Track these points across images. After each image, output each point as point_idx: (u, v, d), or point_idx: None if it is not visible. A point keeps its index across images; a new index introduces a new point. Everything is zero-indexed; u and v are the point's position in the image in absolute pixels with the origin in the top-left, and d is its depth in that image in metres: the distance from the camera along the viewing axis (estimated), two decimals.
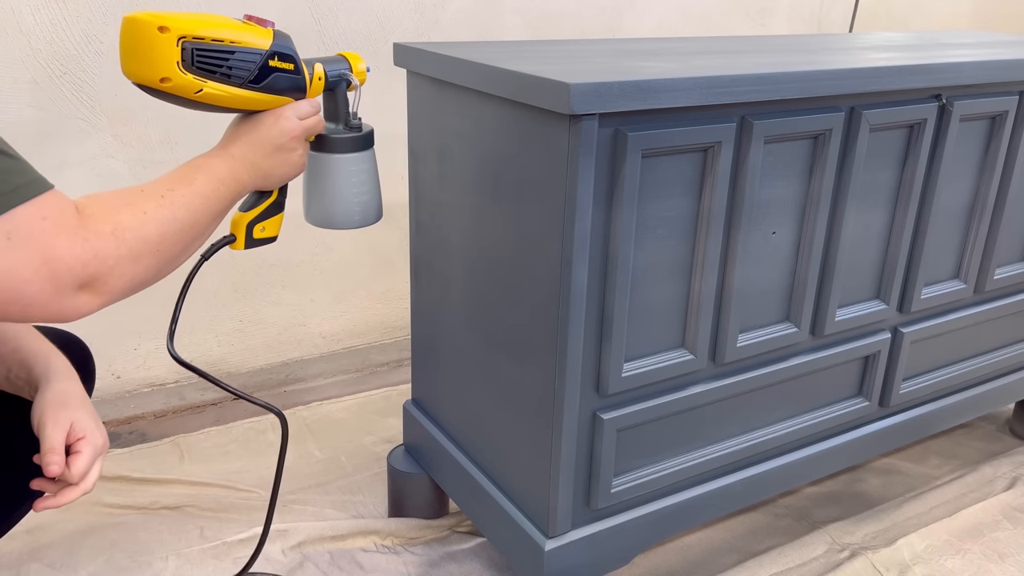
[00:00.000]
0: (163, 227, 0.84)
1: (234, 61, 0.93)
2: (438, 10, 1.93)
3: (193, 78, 0.90)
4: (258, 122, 0.99)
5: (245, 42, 0.93)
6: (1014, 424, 1.85)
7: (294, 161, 1.02)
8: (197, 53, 0.90)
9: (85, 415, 0.95)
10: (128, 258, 0.80)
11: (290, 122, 1.00)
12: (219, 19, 0.93)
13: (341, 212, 1.11)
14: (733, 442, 1.29)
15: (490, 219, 1.15)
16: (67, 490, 0.92)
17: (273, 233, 1.08)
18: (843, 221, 1.23)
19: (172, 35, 0.88)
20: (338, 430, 1.79)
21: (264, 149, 0.99)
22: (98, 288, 0.78)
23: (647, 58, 1.18)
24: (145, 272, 0.83)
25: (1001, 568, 1.45)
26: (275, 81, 0.97)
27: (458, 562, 1.41)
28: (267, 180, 1.01)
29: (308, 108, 1.02)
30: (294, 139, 1.00)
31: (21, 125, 1.57)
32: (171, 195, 0.86)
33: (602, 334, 1.09)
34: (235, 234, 1.06)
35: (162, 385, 1.87)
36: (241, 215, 1.05)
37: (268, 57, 0.95)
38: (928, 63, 1.23)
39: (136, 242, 0.81)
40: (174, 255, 0.86)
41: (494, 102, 1.09)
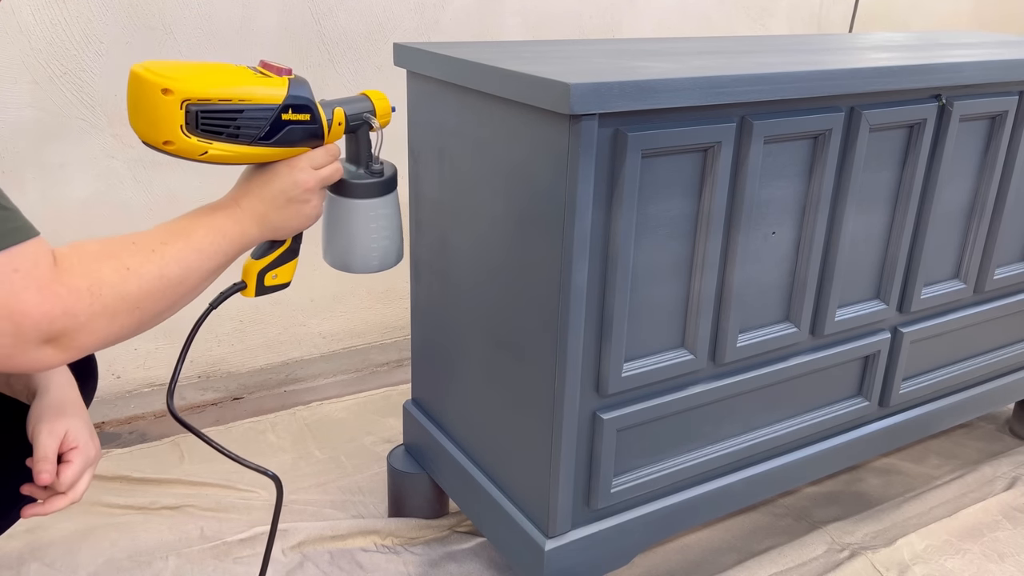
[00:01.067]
0: (147, 284, 0.80)
1: (243, 120, 0.88)
2: (438, 10, 1.93)
3: (197, 140, 0.86)
4: (270, 174, 0.94)
5: (256, 98, 0.88)
6: (1014, 424, 1.85)
7: (307, 213, 0.97)
8: (202, 115, 0.86)
9: (80, 425, 0.95)
10: (102, 315, 0.77)
11: (304, 173, 0.95)
12: (229, 72, 0.88)
13: (359, 257, 1.07)
14: (733, 442, 1.29)
15: (490, 219, 1.15)
16: (56, 498, 0.92)
17: (286, 280, 1.04)
18: (843, 221, 1.23)
19: (176, 98, 0.84)
20: (338, 430, 1.79)
21: (275, 202, 0.94)
22: (65, 343, 0.75)
23: (647, 58, 1.18)
24: (121, 329, 0.79)
25: (1001, 568, 1.45)
26: (288, 134, 0.92)
27: (458, 562, 1.41)
28: (278, 232, 0.96)
29: (324, 157, 0.97)
30: (307, 191, 0.96)
31: (21, 125, 1.57)
32: (163, 249, 0.83)
33: (602, 334, 1.09)
34: (246, 281, 1.02)
35: (162, 385, 1.87)
36: (253, 262, 1.01)
37: (281, 111, 0.90)
38: (928, 63, 1.23)
39: (113, 299, 0.77)
40: (157, 311, 0.83)
41: (494, 102, 1.09)
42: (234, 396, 1.90)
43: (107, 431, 1.75)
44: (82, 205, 1.66)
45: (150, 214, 1.74)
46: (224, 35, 1.70)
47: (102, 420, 1.77)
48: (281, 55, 1.77)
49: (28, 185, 1.61)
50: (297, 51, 1.79)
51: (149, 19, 1.63)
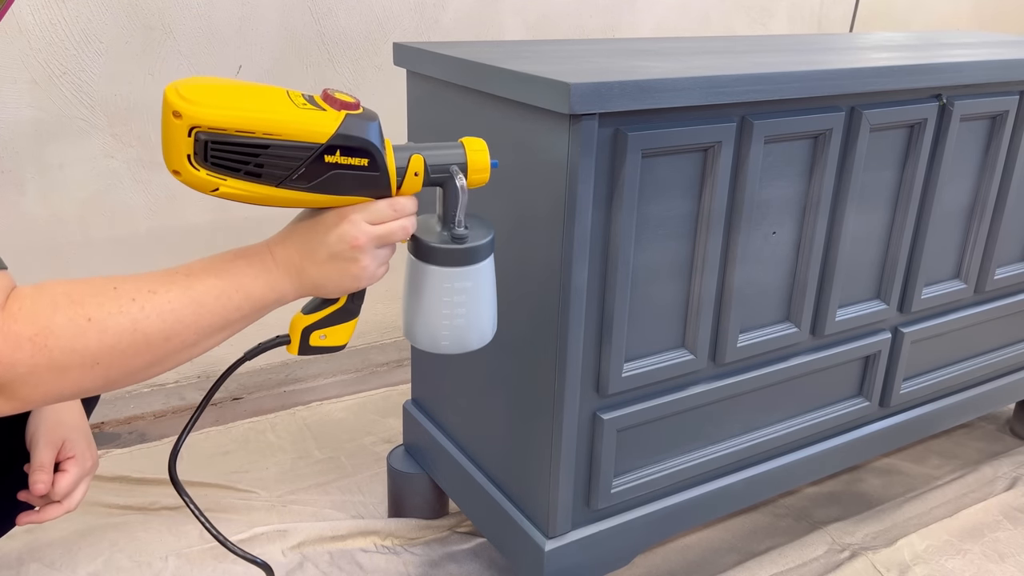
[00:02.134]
0: (111, 340, 0.70)
1: (266, 158, 0.74)
2: (438, 10, 1.93)
3: (206, 174, 0.74)
4: (315, 223, 0.80)
5: (288, 134, 0.74)
6: (1014, 424, 1.85)
7: (355, 273, 0.82)
8: (213, 146, 0.73)
9: (78, 435, 0.95)
10: (47, 368, 0.68)
11: (355, 228, 0.80)
12: (264, 99, 0.75)
13: (424, 331, 0.92)
14: (733, 442, 1.29)
15: (489, 219, 1.15)
16: (50, 507, 0.92)
17: (338, 343, 0.89)
18: (843, 221, 1.23)
19: (184, 124, 0.72)
20: (338, 430, 1.79)
21: (315, 256, 0.80)
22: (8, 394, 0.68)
23: (647, 58, 1.18)
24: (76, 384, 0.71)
25: (1001, 568, 1.45)
26: (334, 180, 0.77)
27: (458, 562, 1.41)
28: (319, 291, 0.83)
29: (387, 212, 0.82)
30: (355, 248, 0.80)
31: (21, 125, 1.57)
32: (148, 299, 0.72)
33: (602, 334, 1.09)
34: (291, 336, 0.89)
35: (162, 385, 1.87)
36: (300, 316, 0.88)
37: (323, 152, 0.76)
38: (928, 63, 1.23)
39: (61, 353, 0.68)
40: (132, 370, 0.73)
41: (494, 102, 1.09)
42: (234, 396, 1.90)
43: (107, 431, 1.75)
44: (82, 205, 1.66)
45: (150, 214, 1.73)
46: (224, 35, 1.70)
47: (102, 420, 1.77)
48: (281, 55, 1.77)
49: (28, 185, 1.61)
50: (297, 51, 1.79)
51: (149, 19, 1.63)
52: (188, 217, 1.75)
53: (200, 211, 1.76)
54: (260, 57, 1.75)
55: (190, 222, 1.75)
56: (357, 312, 0.89)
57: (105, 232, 1.70)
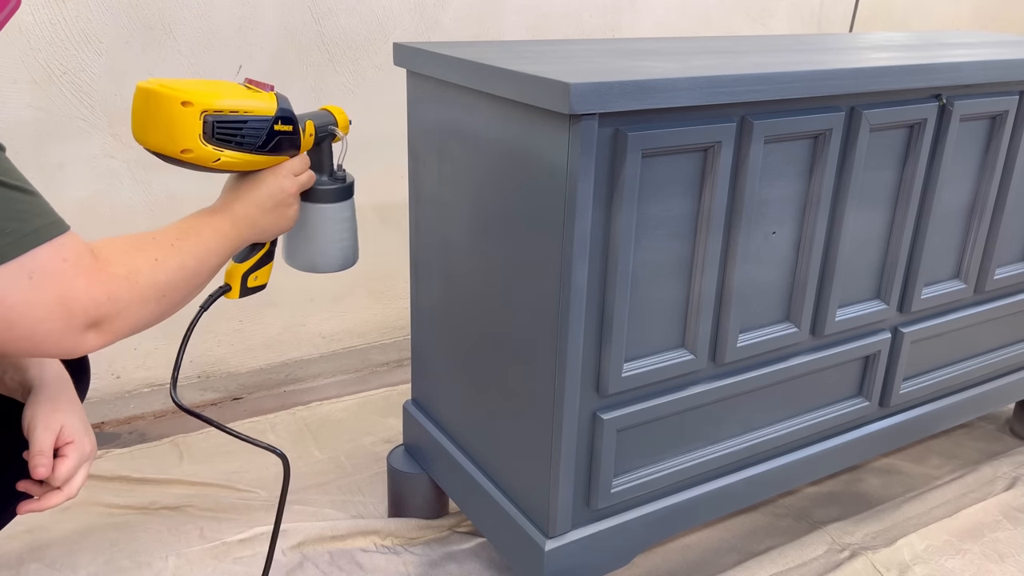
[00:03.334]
0: (172, 274, 0.88)
1: (247, 130, 0.97)
2: (438, 10, 1.93)
3: (212, 148, 0.94)
4: (257, 181, 1.02)
5: (256, 110, 0.97)
6: (1014, 424, 1.85)
7: (290, 216, 1.07)
8: (217, 125, 0.94)
9: (75, 420, 0.95)
10: (138, 302, 0.83)
11: (287, 180, 1.04)
12: (228, 87, 0.96)
13: (324, 258, 1.15)
14: (733, 442, 1.29)
15: (490, 219, 1.15)
16: (51, 494, 0.92)
17: (264, 281, 1.12)
18: (843, 221, 1.23)
19: (195, 109, 0.92)
20: (338, 430, 1.79)
21: (263, 206, 1.02)
22: (105, 328, 0.81)
23: (647, 58, 1.18)
24: (149, 316, 0.86)
25: (1001, 568, 1.45)
26: (278, 144, 1.01)
27: (458, 562, 1.41)
28: (264, 234, 1.05)
29: (301, 165, 1.06)
30: (290, 195, 1.05)
31: (21, 125, 1.57)
32: (180, 244, 0.91)
33: (602, 334, 1.09)
34: (230, 284, 1.10)
35: (162, 385, 1.87)
36: (236, 266, 1.09)
37: (274, 122, 0.99)
38: (928, 63, 1.23)
39: (147, 287, 0.84)
40: (176, 301, 0.89)
41: (494, 102, 1.09)
42: (234, 396, 1.90)
43: (107, 431, 1.75)
44: (82, 205, 1.66)
45: (150, 214, 1.73)
46: (224, 35, 1.70)
47: (102, 420, 1.77)
48: (281, 55, 1.77)
49: None
50: (297, 51, 1.79)
51: (149, 19, 1.63)
52: None
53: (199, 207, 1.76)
54: (260, 57, 1.75)
55: None
56: (274, 255, 1.12)
57: (105, 232, 1.69)
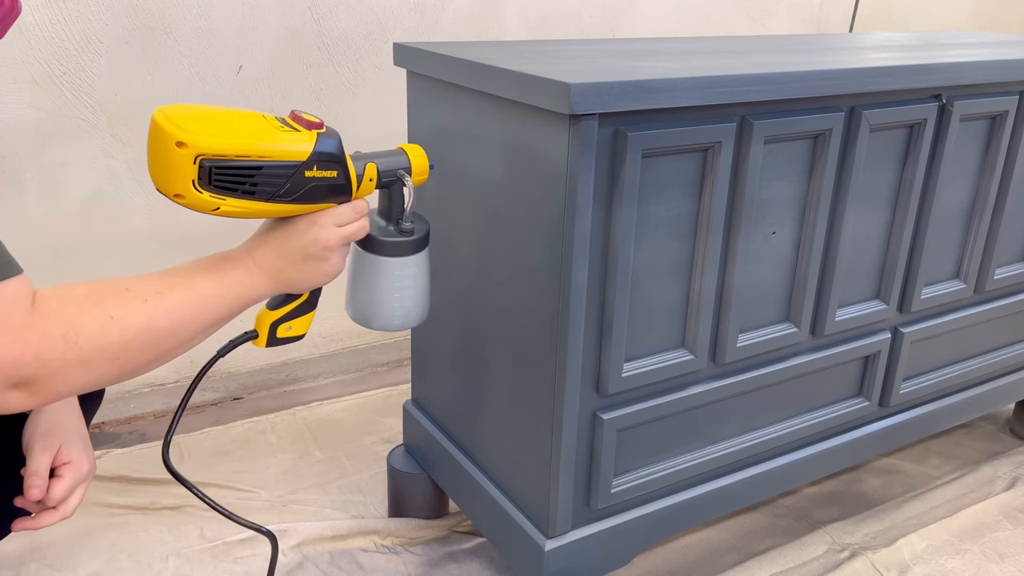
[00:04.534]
0: (131, 335, 0.77)
1: (260, 177, 0.83)
2: (438, 10, 1.93)
3: (209, 196, 0.82)
4: (290, 229, 0.89)
5: (277, 154, 0.83)
6: (1014, 424, 1.85)
7: (325, 270, 0.93)
8: (216, 171, 0.81)
9: (75, 440, 0.94)
10: (76, 364, 0.74)
11: (325, 231, 0.90)
12: (251, 125, 0.83)
13: (380, 315, 1.03)
14: (733, 442, 1.29)
15: (490, 219, 1.15)
16: (46, 513, 0.92)
17: (300, 332, 0.99)
18: (843, 221, 1.23)
19: (189, 152, 0.79)
20: (338, 430, 1.79)
21: (292, 257, 0.89)
22: (34, 389, 0.73)
23: (647, 58, 1.18)
24: (97, 378, 0.77)
25: (1001, 568, 1.45)
26: (311, 191, 0.87)
27: (458, 562, 1.41)
28: (292, 287, 0.92)
29: (349, 214, 0.92)
30: (327, 248, 0.90)
31: (21, 125, 1.57)
32: (157, 299, 0.79)
33: (602, 334, 1.09)
34: (258, 330, 0.98)
35: (162, 385, 1.87)
36: (267, 312, 0.97)
37: (304, 168, 0.85)
38: (928, 63, 1.23)
39: (90, 349, 0.74)
40: (141, 363, 0.79)
41: (494, 102, 1.09)
42: (234, 396, 1.90)
43: (107, 431, 1.75)
44: (82, 205, 1.66)
45: (150, 214, 1.73)
46: (224, 35, 1.70)
47: (102, 420, 1.77)
48: (281, 55, 1.77)
49: (28, 185, 1.61)
50: (297, 51, 1.79)
51: (149, 19, 1.63)
52: (188, 217, 1.75)
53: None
54: (260, 57, 1.75)
55: (190, 222, 1.75)
56: (316, 304, 0.99)
57: (105, 232, 1.70)
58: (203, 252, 0.88)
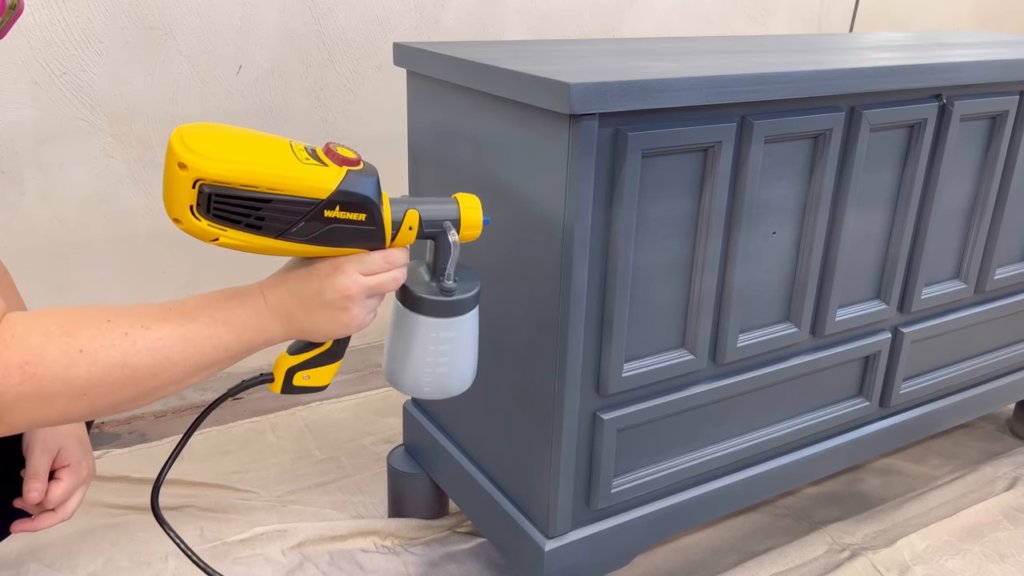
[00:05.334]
0: (100, 372, 0.71)
1: (269, 211, 0.76)
2: (438, 10, 1.93)
3: (207, 224, 0.75)
4: (309, 271, 0.82)
5: (291, 189, 0.75)
6: (1014, 424, 1.85)
7: (345, 321, 0.83)
8: (217, 199, 0.74)
9: (74, 443, 0.94)
10: (33, 397, 0.69)
11: (347, 278, 0.81)
12: (270, 153, 0.76)
13: (408, 377, 0.94)
14: (733, 442, 1.29)
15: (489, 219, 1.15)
16: (45, 516, 0.92)
17: (320, 383, 0.92)
18: (843, 221, 1.23)
19: (188, 175, 0.73)
20: (338, 430, 1.79)
21: (307, 303, 0.81)
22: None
23: (647, 58, 1.18)
24: (62, 413, 0.71)
25: (1001, 568, 1.45)
26: (332, 233, 0.79)
27: (458, 562, 1.41)
28: (306, 335, 0.84)
29: (380, 263, 0.83)
30: (347, 298, 0.82)
31: (21, 125, 1.57)
32: (140, 334, 0.73)
33: (602, 334, 1.09)
34: (274, 374, 0.92)
35: None
36: (285, 357, 0.91)
37: (323, 207, 0.77)
38: (928, 63, 1.23)
39: (50, 382, 0.69)
40: (117, 401, 0.73)
41: (494, 102, 1.09)
42: (234, 396, 1.90)
43: (107, 431, 1.75)
44: (82, 205, 1.66)
45: (150, 214, 1.73)
46: (224, 35, 1.70)
47: (102, 420, 1.77)
48: (281, 55, 1.77)
49: (28, 185, 1.61)
50: (297, 51, 1.79)
51: (149, 19, 1.63)
52: None
53: None
54: (260, 57, 1.75)
55: None
56: (341, 355, 0.91)
57: (105, 232, 1.70)
58: (203, 253, 0.84)
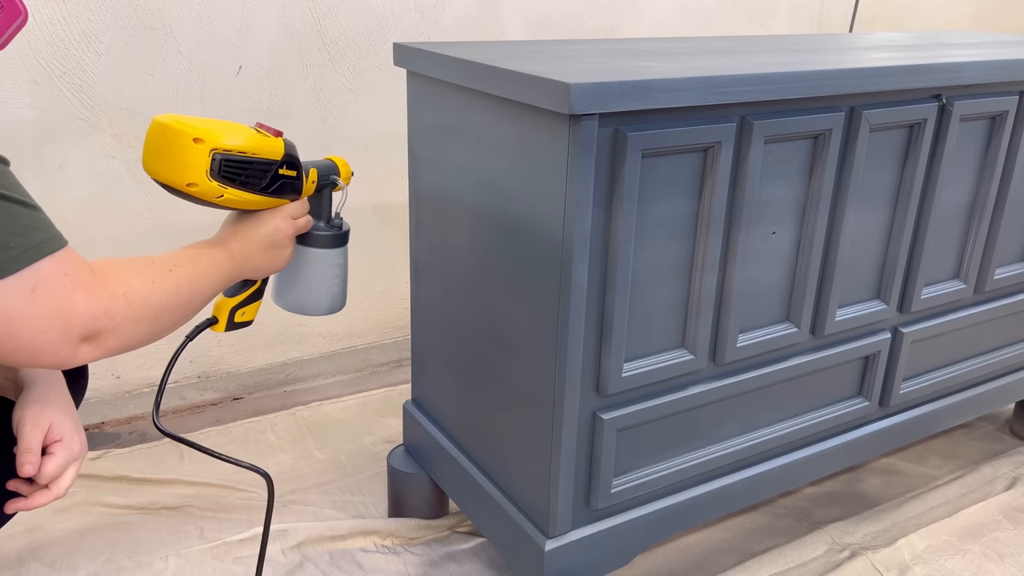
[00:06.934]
0: (167, 297, 0.90)
1: (252, 171, 1.00)
2: (438, 10, 1.93)
3: (217, 185, 0.98)
4: (257, 221, 1.06)
5: (263, 153, 1.01)
6: (1014, 424, 1.85)
7: (284, 257, 1.10)
8: (224, 164, 0.97)
9: (65, 419, 0.95)
10: (133, 320, 0.85)
11: (285, 222, 1.07)
12: (238, 129, 1.00)
13: (313, 301, 1.18)
14: (733, 442, 1.29)
15: (490, 219, 1.15)
16: (39, 493, 0.92)
17: (251, 317, 1.15)
18: (843, 221, 1.23)
19: (206, 146, 0.96)
20: (338, 430, 1.79)
21: (259, 245, 1.06)
22: (99, 342, 0.83)
23: (647, 58, 1.18)
24: (142, 335, 0.88)
25: (1001, 568, 1.45)
26: (280, 187, 1.05)
27: (458, 562, 1.41)
28: (257, 272, 1.08)
29: (300, 209, 1.10)
30: (287, 237, 1.08)
31: (21, 125, 1.57)
32: (178, 271, 0.93)
33: (602, 334, 1.09)
34: (217, 317, 1.13)
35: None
36: (225, 300, 1.12)
37: (279, 166, 1.03)
38: (928, 63, 1.23)
39: (142, 307, 0.86)
40: (169, 324, 0.92)
41: (494, 102, 1.09)
42: (234, 396, 1.90)
43: (107, 431, 1.75)
44: (82, 205, 1.66)
45: (150, 214, 1.74)
46: (224, 35, 1.70)
47: (102, 420, 1.77)
48: (281, 55, 1.77)
49: (28, 185, 1.59)
50: (297, 51, 1.79)
51: (149, 19, 1.63)
52: (187, 217, 1.75)
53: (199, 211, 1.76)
54: (260, 57, 1.75)
55: (189, 222, 1.75)
56: (263, 293, 1.15)
57: (105, 232, 1.70)
58: None
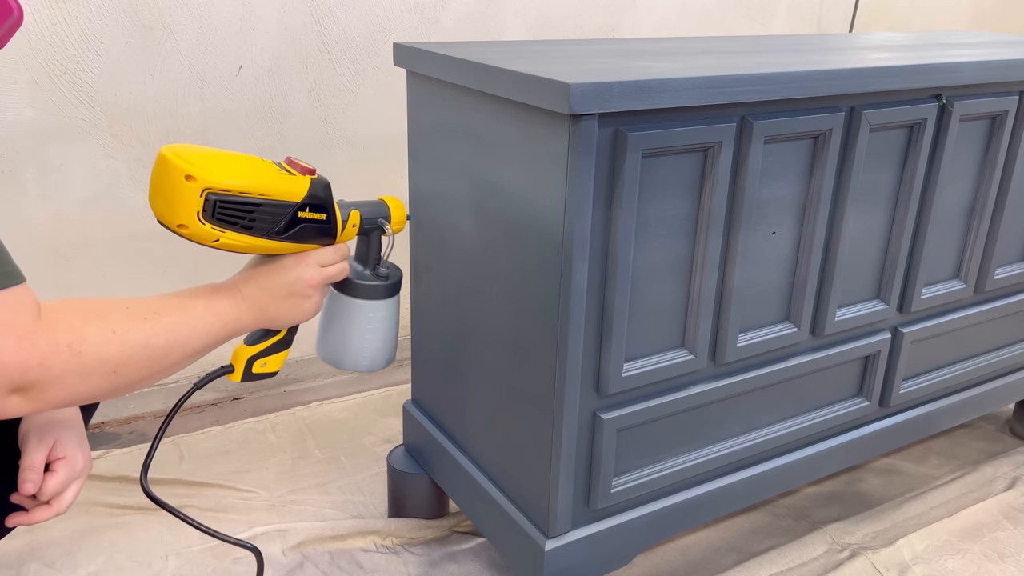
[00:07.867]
0: (129, 350, 0.80)
1: (259, 214, 0.90)
2: (438, 10, 1.93)
3: (211, 228, 0.88)
4: (277, 266, 0.95)
5: (275, 195, 0.90)
6: (1014, 424, 1.85)
7: (306, 308, 0.98)
8: (220, 205, 0.87)
9: (70, 436, 0.94)
10: (77, 373, 0.77)
11: (310, 270, 0.96)
12: (253, 165, 0.90)
13: (350, 356, 1.09)
14: (733, 442, 1.29)
15: (490, 219, 1.15)
16: (40, 509, 0.92)
17: (274, 369, 1.04)
18: (843, 221, 1.23)
19: (197, 185, 0.86)
20: (338, 430, 1.79)
21: (276, 294, 0.95)
22: (34, 395, 0.75)
23: (647, 58, 1.18)
24: (93, 390, 0.79)
25: (1001, 568, 1.45)
26: (302, 231, 0.94)
27: (458, 562, 1.41)
28: (274, 323, 0.98)
29: (332, 256, 0.99)
30: (310, 287, 0.97)
31: (21, 125, 1.57)
32: (155, 319, 0.83)
33: (602, 334, 1.09)
34: (234, 365, 1.03)
35: (162, 385, 1.87)
36: (244, 348, 1.02)
37: (298, 209, 0.92)
38: (928, 63, 1.23)
39: (92, 359, 0.77)
40: (135, 379, 0.83)
41: (494, 102, 1.09)
42: (234, 396, 1.90)
43: (107, 431, 1.75)
44: (82, 205, 1.66)
45: (150, 214, 1.73)
46: (224, 35, 1.70)
47: (102, 420, 1.77)
48: (281, 55, 1.77)
49: (28, 185, 1.61)
50: (297, 51, 1.79)
51: (149, 19, 1.63)
52: None
53: None
54: (260, 57, 1.75)
55: None
56: (291, 343, 1.03)
57: (105, 232, 1.70)
58: (202, 253, 0.90)
